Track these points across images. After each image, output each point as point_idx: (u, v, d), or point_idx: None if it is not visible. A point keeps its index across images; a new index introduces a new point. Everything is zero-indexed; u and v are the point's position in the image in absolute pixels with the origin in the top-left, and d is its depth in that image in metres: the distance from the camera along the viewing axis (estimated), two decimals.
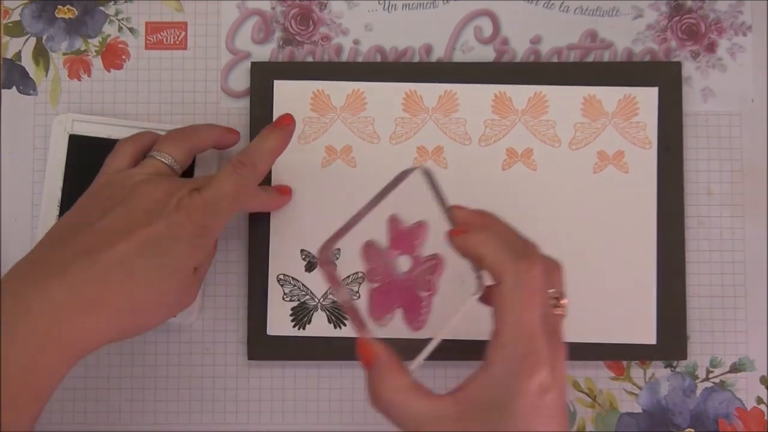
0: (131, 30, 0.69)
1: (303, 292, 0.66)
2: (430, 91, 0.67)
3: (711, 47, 0.69)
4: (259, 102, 0.67)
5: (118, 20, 0.69)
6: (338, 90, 0.67)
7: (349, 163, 0.67)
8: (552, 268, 0.53)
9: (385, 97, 0.67)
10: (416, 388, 0.50)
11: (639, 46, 0.68)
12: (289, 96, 0.67)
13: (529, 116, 0.67)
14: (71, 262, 0.53)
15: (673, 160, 0.67)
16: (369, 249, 0.58)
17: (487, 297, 0.51)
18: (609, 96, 0.67)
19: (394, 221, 0.59)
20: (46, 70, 0.69)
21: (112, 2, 0.69)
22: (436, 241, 0.58)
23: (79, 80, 0.69)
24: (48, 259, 0.54)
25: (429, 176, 0.55)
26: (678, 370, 0.67)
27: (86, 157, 0.66)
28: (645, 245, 0.66)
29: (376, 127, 0.67)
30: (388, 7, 0.69)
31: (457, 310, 0.52)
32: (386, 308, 0.56)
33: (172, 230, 0.55)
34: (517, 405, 0.47)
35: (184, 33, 0.69)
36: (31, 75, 0.69)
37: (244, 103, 0.68)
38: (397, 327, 0.57)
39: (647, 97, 0.67)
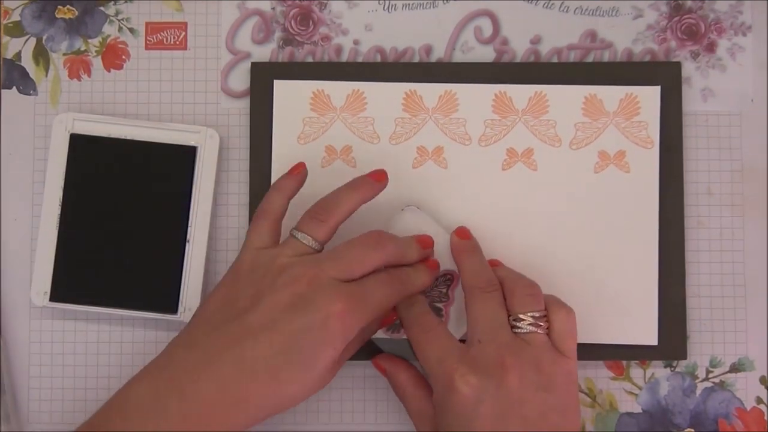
0: (131, 30, 0.69)
1: None
2: (430, 91, 0.67)
3: (711, 47, 0.69)
4: (259, 102, 0.67)
5: (118, 20, 0.69)
6: (338, 90, 0.67)
7: (349, 163, 0.67)
8: (512, 294, 0.60)
9: (385, 97, 0.67)
10: (423, 384, 0.62)
11: (639, 46, 0.68)
12: (289, 96, 0.67)
13: (530, 116, 0.67)
14: (222, 355, 0.55)
15: (673, 160, 0.67)
16: None
17: None
18: (610, 95, 0.67)
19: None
20: (46, 70, 0.69)
21: (112, 2, 0.69)
22: (447, 259, 0.64)
23: (79, 80, 0.69)
24: (199, 346, 0.56)
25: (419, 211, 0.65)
26: (678, 370, 0.67)
27: (87, 156, 0.66)
28: (646, 245, 0.66)
29: (376, 127, 0.67)
30: (388, 7, 0.69)
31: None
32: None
33: (316, 332, 0.55)
34: (451, 417, 0.57)
35: (184, 33, 0.69)
36: (31, 75, 0.69)
37: (244, 103, 0.68)
38: None
39: (649, 96, 0.67)
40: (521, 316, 0.58)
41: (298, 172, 0.63)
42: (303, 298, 0.56)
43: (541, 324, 0.58)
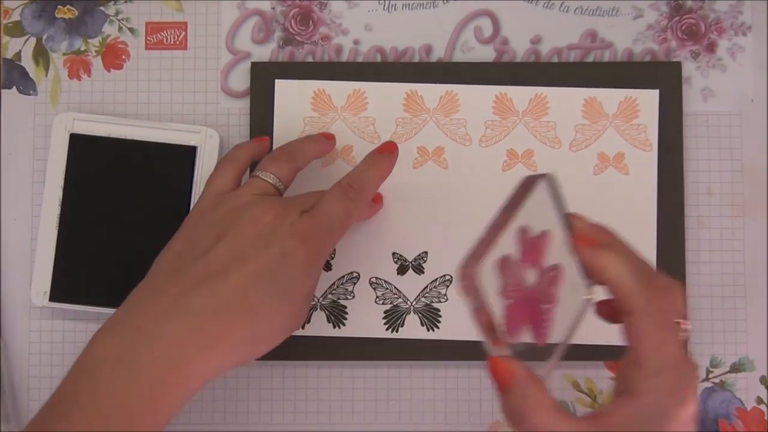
0: (131, 30, 0.69)
1: None
2: (431, 92, 0.67)
3: (711, 47, 0.69)
4: (259, 102, 0.67)
5: (118, 20, 0.69)
6: (339, 90, 0.67)
7: (350, 163, 0.67)
8: (675, 292, 0.51)
9: (385, 97, 0.67)
10: (559, 408, 0.47)
11: (639, 46, 0.68)
12: (290, 95, 0.67)
13: (530, 117, 0.67)
14: (189, 294, 0.53)
15: (672, 161, 0.67)
16: (505, 264, 0.52)
17: (609, 314, 0.52)
18: (610, 98, 0.67)
19: (523, 232, 0.53)
20: (46, 70, 0.69)
21: (112, 2, 0.69)
22: (554, 251, 0.55)
23: (79, 80, 0.69)
24: (165, 289, 0.53)
25: (553, 185, 0.53)
26: None
27: (87, 156, 0.66)
28: (645, 247, 0.66)
29: (377, 127, 0.67)
30: (388, 7, 0.69)
31: (576, 319, 0.52)
32: (519, 324, 0.52)
33: (287, 257, 0.54)
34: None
35: (184, 33, 0.69)
36: (31, 75, 0.69)
37: (244, 103, 0.68)
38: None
39: (648, 100, 0.67)
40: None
41: (264, 140, 0.64)
42: (271, 230, 0.55)
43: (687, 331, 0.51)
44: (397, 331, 0.64)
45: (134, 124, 0.66)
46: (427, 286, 0.66)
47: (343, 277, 0.66)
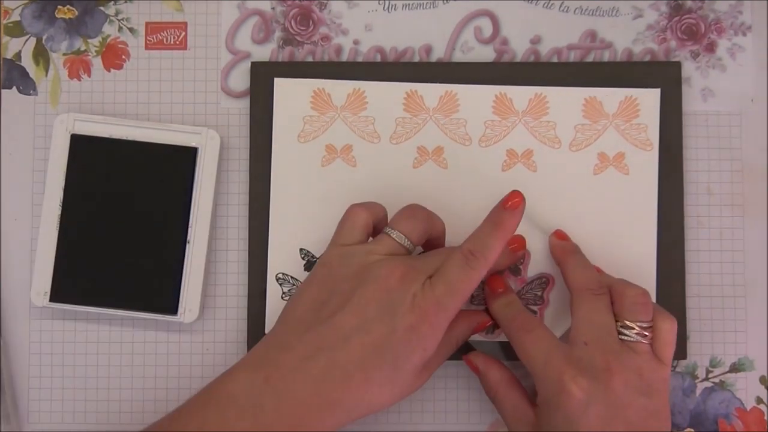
0: (131, 30, 0.69)
1: None
2: (430, 91, 0.67)
3: (711, 47, 0.69)
4: (260, 102, 0.67)
5: (118, 20, 0.69)
6: (339, 89, 0.67)
7: (349, 162, 0.67)
8: (622, 301, 0.60)
9: (385, 96, 0.67)
10: (516, 386, 0.63)
11: (639, 46, 0.68)
12: (290, 94, 0.67)
13: (530, 117, 0.67)
14: (315, 357, 0.55)
15: (672, 160, 0.67)
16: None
17: None
18: (610, 97, 0.67)
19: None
20: (46, 70, 0.69)
21: (112, 2, 0.69)
22: (543, 262, 0.66)
23: (79, 80, 0.69)
24: (295, 347, 0.56)
25: None
26: (678, 370, 0.67)
27: (88, 157, 0.66)
28: (645, 246, 0.66)
29: (377, 127, 0.67)
30: (388, 7, 0.69)
31: None
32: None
33: (407, 333, 0.55)
34: (560, 418, 0.57)
35: (184, 33, 0.69)
36: (31, 75, 0.69)
37: (244, 103, 0.68)
38: None
39: (648, 99, 0.67)
40: (629, 323, 0.59)
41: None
42: (394, 300, 0.56)
43: (647, 334, 0.59)
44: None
45: (135, 125, 0.66)
46: None
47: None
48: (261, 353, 0.57)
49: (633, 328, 0.59)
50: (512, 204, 0.59)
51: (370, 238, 0.61)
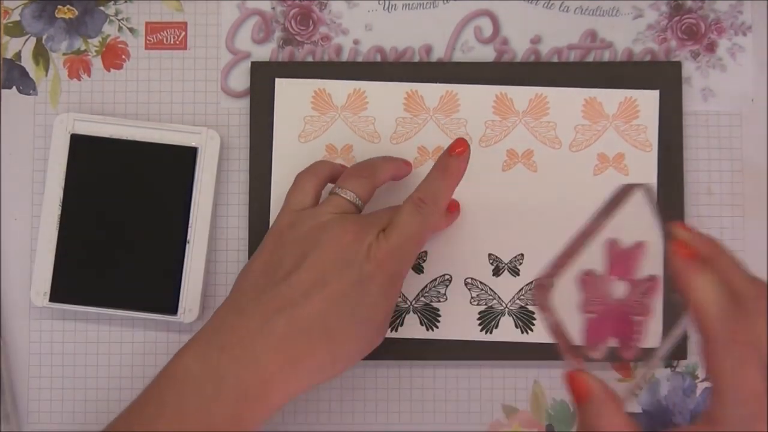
0: (131, 30, 0.69)
1: None
2: (431, 91, 0.67)
3: (711, 47, 0.69)
4: (260, 102, 0.67)
5: (118, 20, 0.69)
6: (339, 89, 0.67)
7: (350, 162, 0.67)
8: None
9: (386, 96, 0.67)
10: (634, 426, 0.47)
11: (639, 46, 0.68)
12: (290, 94, 0.67)
13: (530, 118, 0.67)
14: (272, 317, 0.54)
15: (672, 160, 0.67)
16: (587, 278, 0.54)
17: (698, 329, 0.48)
18: (610, 98, 0.67)
19: (612, 244, 0.54)
20: (46, 70, 0.69)
21: (112, 2, 0.69)
22: (653, 262, 0.55)
23: (79, 80, 0.69)
24: (249, 312, 0.55)
25: (650, 195, 0.53)
26: (678, 370, 0.67)
27: (88, 157, 0.66)
28: None
29: (377, 127, 0.67)
30: (388, 7, 0.69)
31: (668, 338, 0.52)
32: (601, 337, 0.53)
33: (365, 282, 0.56)
34: None
35: (184, 33, 0.69)
36: (31, 75, 0.69)
37: (244, 103, 0.68)
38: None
39: (648, 100, 0.67)
40: None
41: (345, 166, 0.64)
42: (349, 253, 0.56)
43: None
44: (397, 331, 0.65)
45: (135, 124, 0.66)
46: (426, 286, 0.66)
47: None
48: (215, 324, 0.56)
49: None
50: (459, 151, 0.59)
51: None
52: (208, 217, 0.66)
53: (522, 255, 0.67)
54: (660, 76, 0.67)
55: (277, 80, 0.67)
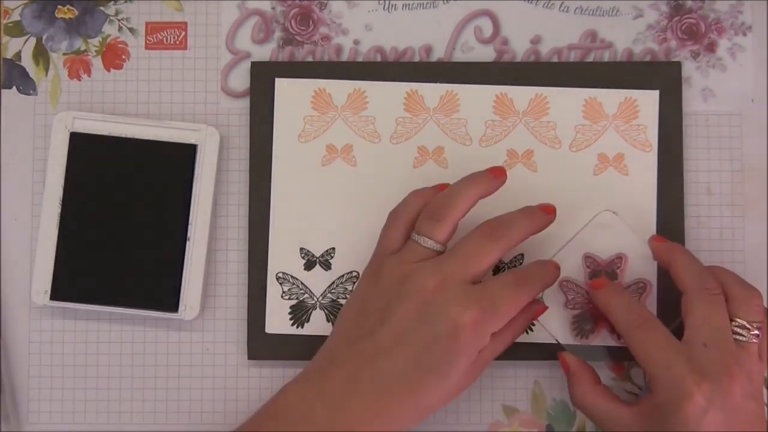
0: (131, 30, 0.69)
1: (302, 291, 0.66)
2: (431, 91, 0.67)
3: (711, 47, 0.69)
4: (260, 102, 0.67)
5: (118, 20, 0.69)
6: (339, 89, 0.67)
7: (349, 162, 0.67)
8: (737, 300, 0.59)
9: (386, 96, 0.67)
10: (604, 392, 0.61)
11: (639, 46, 0.68)
12: (290, 94, 0.67)
13: (530, 117, 0.67)
14: (359, 371, 0.57)
15: (672, 160, 0.67)
16: (566, 284, 0.65)
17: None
18: (610, 98, 0.67)
19: (589, 258, 0.65)
20: (46, 70, 0.69)
21: (112, 2, 0.69)
22: (640, 269, 0.65)
23: (79, 80, 0.69)
24: (342, 362, 0.58)
25: (616, 216, 0.65)
26: None
27: (87, 155, 0.66)
28: (645, 247, 0.66)
29: (377, 127, 0.67)
30: (388, 7, 0.69)
31: None
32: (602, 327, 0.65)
33: (448, 341, 0.56)
34: (677, 424, 0.56)
35: (184, 33, 0.69)
36: (31, 75, 0.69)
37: (244, 103, 0.68)
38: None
39: (648, 100, 0.67)
40: (746, 324, 0.58)
41: (443, 187, 0.62)
42: (431, 307, 0.57)
43: (759, 334, 0.59)
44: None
45: (134, 122, 0.66)
46: None
47: (343, 276, 0.66)
48: (314, 368, 0.59)
49: (749, 329, 0.58)
50: (549, 210, 0.62)
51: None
52: (209, 214, 0.66)
53: (522, 255, 0.67)
54: (660, 76, 0.67)
55: (277, 80, 0.67)
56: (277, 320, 0.66)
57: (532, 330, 0.66)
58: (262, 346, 0.66)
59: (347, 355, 0.58)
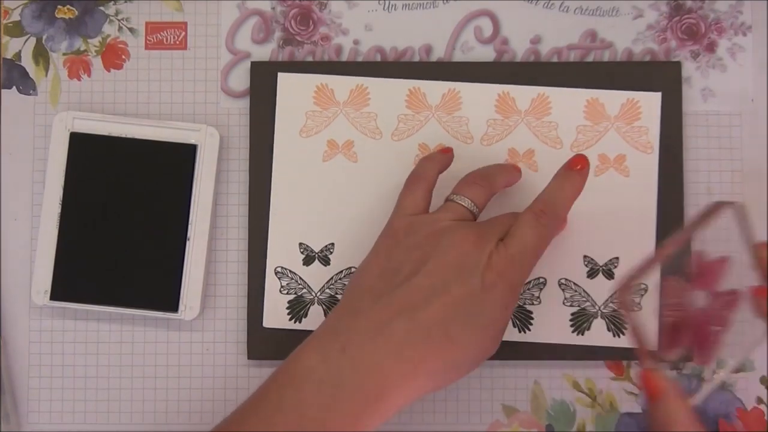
0: (131, 30, 0.69)
1: (300, 286, 0.66)
2: (433, 89, 0.67)
3: (711, 47, 0.69)
4: (260, 102, 0.67)
5: (118, 20, 0.69)
6: (342, 84, 0.67)
7: (351, 158, 0.67)
8: None
9: (388, 93, 0.67)
10: (700, 426, 0.51)
11: (639, 46, 0.69)
12: (292, 89, 0.67)
13: (532, 117, 0.67)
14: (392, 321, 0.55)
15: (672, 161, 0.67)
16: (670, 284, 0.57)
17: None
18: (612, 100, 0.67)
19: (699, 255, 0.57)
20: (46, 70, 0.69)
21: (112, 2, 0.69)
22: (736, 276, 0.58)
23: (79, 80, 0.69)
24: (368, 314, 0.56)
25: (742, 213, 0.55)
26: (685, 371, 0.67)
27: (87, 155, 0.66)
28: (644, 248, 0.66)
29: (379, 123, 0.67)
30: (388, 7, 0.69)
31: (742, 354, 0.58)
32: (676, 342, 0.56)
33: (486, 291, 0.56)
34: None
35: (184, 33, 0.69)
36: (31, 75, 0.69)
37: (244, 103, 0.68)
38: None
39: (650, 102, 0.67)
40: None
41: (449, 151, 0.64)
42: (470, 260, 0.56)
43: None
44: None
45: (134, 122, 0.66)
46: None
47: (341, 272, 0.67)
48: (333, 323, 0.57)
49: None
50: (581, 167, 0.60)
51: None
52: (209, 214, 0.66)
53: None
54: (660, 76, 0.67)
55: (280, 75, 0.67)
56: (275, 315, 0.66)
57: (530, 330, 0.66)
58: (261, 344, 0.66)
59: (374, 307, 0.56)
